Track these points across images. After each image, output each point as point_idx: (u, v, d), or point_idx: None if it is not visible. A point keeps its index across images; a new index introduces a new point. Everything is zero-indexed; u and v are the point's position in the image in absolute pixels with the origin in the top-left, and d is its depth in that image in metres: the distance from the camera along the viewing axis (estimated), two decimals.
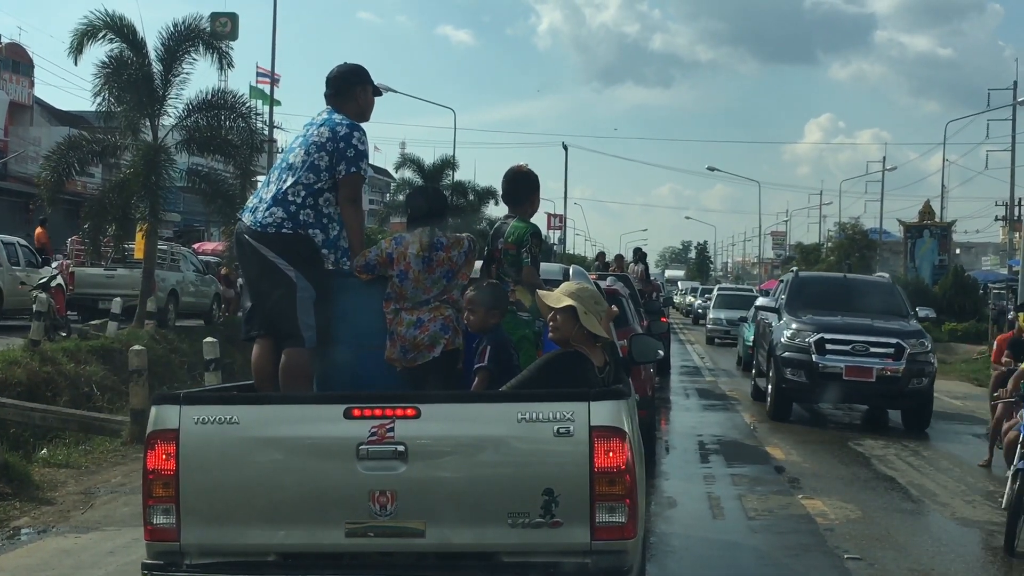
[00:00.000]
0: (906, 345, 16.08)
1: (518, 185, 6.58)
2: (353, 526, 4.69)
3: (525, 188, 6.57)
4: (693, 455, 13.48)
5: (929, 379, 16.24)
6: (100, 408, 14.52)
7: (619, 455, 4.65)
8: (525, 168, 6.72)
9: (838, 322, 16.75)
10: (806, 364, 16.18)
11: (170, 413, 4.76)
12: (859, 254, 65.42)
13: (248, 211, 5.90)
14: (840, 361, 16.09)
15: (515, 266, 6.36)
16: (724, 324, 36.18)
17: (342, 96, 6.03)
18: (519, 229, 6.40)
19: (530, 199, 6.58)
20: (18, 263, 21.18)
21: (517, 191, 6.58)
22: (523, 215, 6.50)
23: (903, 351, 16.02)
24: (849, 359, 16.08)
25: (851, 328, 16.53)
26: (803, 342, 16.28)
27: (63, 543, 8.56)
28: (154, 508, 4.77)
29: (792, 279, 19.05)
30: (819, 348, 16.14)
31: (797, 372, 16.30)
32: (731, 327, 34.23)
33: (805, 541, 8.96)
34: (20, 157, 40.65)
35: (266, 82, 45.05)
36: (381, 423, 4.67)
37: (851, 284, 19.66)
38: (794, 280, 18.94)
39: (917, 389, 16.06)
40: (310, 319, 5.64)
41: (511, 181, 6.60)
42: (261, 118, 35.54)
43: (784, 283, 19.37)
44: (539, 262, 6.44)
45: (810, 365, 16.16)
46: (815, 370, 16.11)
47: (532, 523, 4.64)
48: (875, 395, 16.49)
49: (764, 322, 19.20)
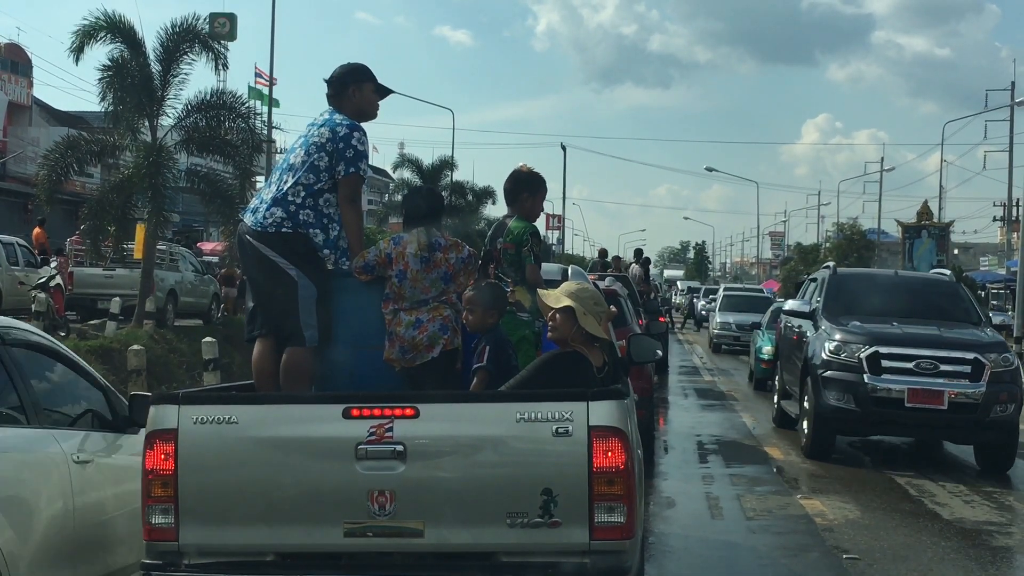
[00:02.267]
0: (986, 361, 12.53)
1: (512, 185, 6.63)
2: (352, 526, 4.69)
3: (517, 188, 6.59)
4: (692, 455, 13.49)
5: (1016, 405, 12.66)
6: None
7: (618, 455, 4.66)
8: (524, 169, 6.75)
9: (896, 332, 13.09)
10: (856, 386, 12.53)
11: (169, 413, 4.77)
12: (857, 255, 65.47)
13: (250, 212, 5.93)
14: (901, 382, 12.44)
15: (514, 266, 6.37)
16: (733, 329, 32.34)
17: (340, 96, 6.05)
18: (517, 229, 6.42)
19: (522, 198, 6.58)
20: (17, 263, 21.21)
21: (510, 191, 6.63)
22: (520, 215, 6.52)
23: (983, 369, 12.47)
24: (913, 380, 12.43)
25: (914, 339, 12.87)
26: (852, 358, 12.69)
27: None
28: (153, 508, 4.78)
29: (829, 277, 14.93)
30: (873, 365, 12.54)
31: (843, 396, 12.64)
32: (741, 332, 30.89)
33: (804, 541, 8.97)
34: (19, 157, 40.65)
35: (265, 83, 45.04)
36: (380, 423, 4.68)
37: (904, 283, 15.88)
38: (832, 278, 14.85)
39: (1001, 418, 12.47)
40: (312, 318, 5.65)
41: (508, 180, 6.67)
42: (260, 118, 35.55)
43: (818, 282, 15.26)
44: (540, 262, 6.45)
45: (861, 388, 12.50)
46: (867, 394, 12.47)
47: (531, 523, 4.64)
48: (946, 427, 12.81)
49: (792, 330, 15.41)
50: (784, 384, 15.79)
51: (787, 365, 15.61)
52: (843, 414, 12.77)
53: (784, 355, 16.09)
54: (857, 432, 13.71)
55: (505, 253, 6.37)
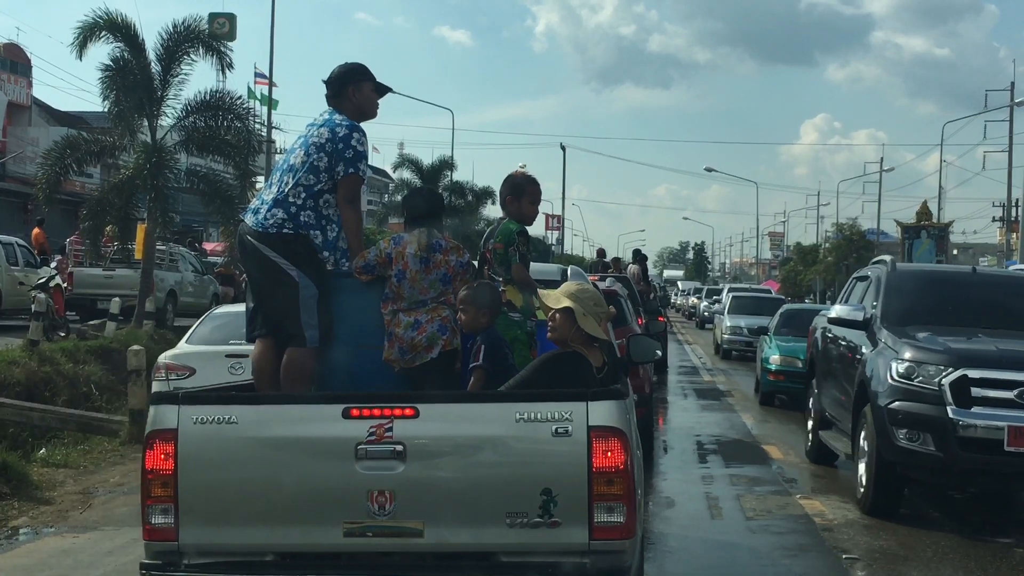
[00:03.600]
0: None
1: (501, 187, 6.65)
2: (351, 526, 4.70)
3: (502, 191, 6.60)
4: (691, 455, 13.48)
5: None
6: (99, 408, 14.54)
7: (617, 455, 4.66)
8: (518, 172, 6.77)
9: (989, 350, 9.67)
10: (936, 423, 9.20)
11: (169, 413, 4.77)
12: (856, 255, 65.46)
13: (250, 212, 5.94)
14: (999, 418, 9.08)
15: (504, 266, 6.38)
16: (745, 334, 29.09)
17: (339, 97, 6.05)
18: (507, 229, 6.45)
19: (507, 201, 6.58)
20: (17, 263, 21.20)
21: (500, 194, 6.67)
22: (511, 217, 6.52)
23: None
24: (1016, 415, 9.07)
25: (1015, 360, 9.42)
26: (929, 384, 9.31)
27: (61, 543, 8.57)
28: (153, 508, 4.78)
29: (887, 275, 11.44)
30: (959, 395, 9.15)
31: (918, 436, 9.30)
32: (753, 337, 27.95)
33: (803, 541, 8.96)
34: (18, 157, 40.66)
35: (264, 83, 45.07)
36: (380, 423, 4.68)
37: (985, 283, 12.09)
38: (892, 276, 11.41)
39: None
40: (313, 319, 5.66)
41: (502, 183, 6.66)
42: (259, 119, 35.56)
43: (872, 281, 11.80)
44: (528, 260, 6.44)
45: (943, 425, 9.15)
46: (952, 434, 9.10)
47: (530, 523, 4.65)
48: None
49: (837, 343, 11.82)
50: (822, 410, 12.23)
51: (828, 387, 12.08)
52: (918, 459, 9.38)
53: (824, 374, 12.41)
54: (937, 481, 10.04)
55: (495, 253, 6.37)
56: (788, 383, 18.03)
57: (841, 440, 11.33)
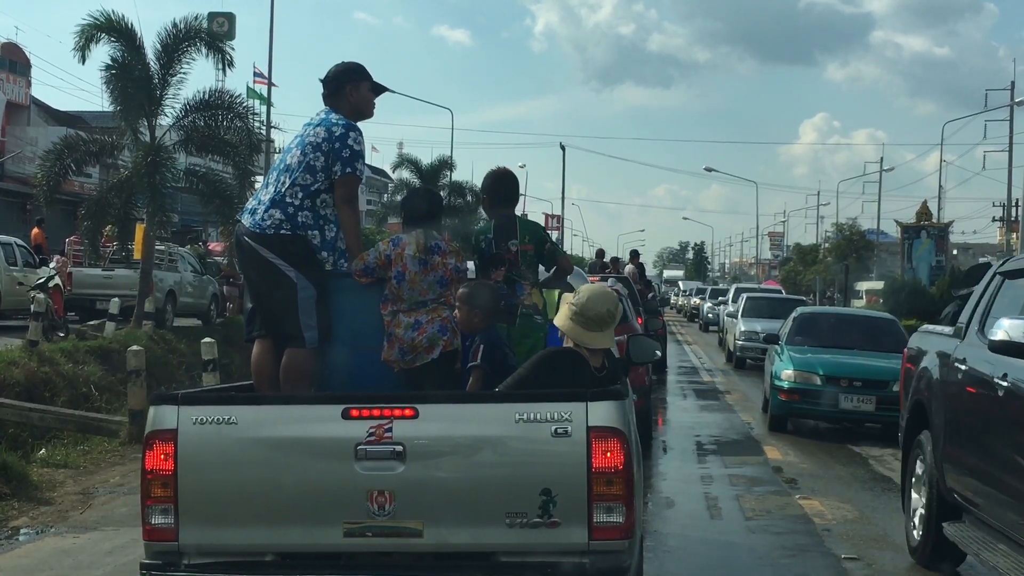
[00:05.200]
0: None
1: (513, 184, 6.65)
2: (351, 526, 4.70)
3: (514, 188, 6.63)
4: (691, 455, 13.48)
5: None
6: (98, 408, 14.53)
7: (617, 455, 4.66)
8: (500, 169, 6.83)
9: None
10: None
11: (168, 413, 4.78)
12: (856, 255, 65.49)
13: (247, 213, 5.93)
14: None
15: (532, 267, 6.41)
16: (761, 340, 24.59)
17: (335, 96, 6.05)
18: (533, 228, 6.46)
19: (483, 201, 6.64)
20: (16, 263, 21.19)
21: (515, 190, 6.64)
22: (508, 215, 6.51)
23: None
24: None
25: None
26: None
27: (61, 543, 8.56)
28: (152, 508, 4.78)
29: None
30: None
31: None
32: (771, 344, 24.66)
33: (802, 542, 8.96)
34: (17, 157, 40.64)
35: (263, 82, 45.08)
36: (379, 423, 4.69)
37: None
38: None
39: None
40: (312, 319, 5.66)
41: (509, 180, 6.65)
42: (259, 118, 35.55)
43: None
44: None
45: None
46: None
47: (530, 523, 4.65)
48: None
49: (990, 382, 6.63)
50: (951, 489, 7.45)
51: (967, 454, 7.11)
52: None
53: (954, 430, 7.39)
54: None
55: (524, 255, 6.38)
56: (805, 404, 15.20)
57: (1009, 555, 6.41)
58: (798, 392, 15.17)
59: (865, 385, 14.94)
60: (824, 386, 14.80)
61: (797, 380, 15.24)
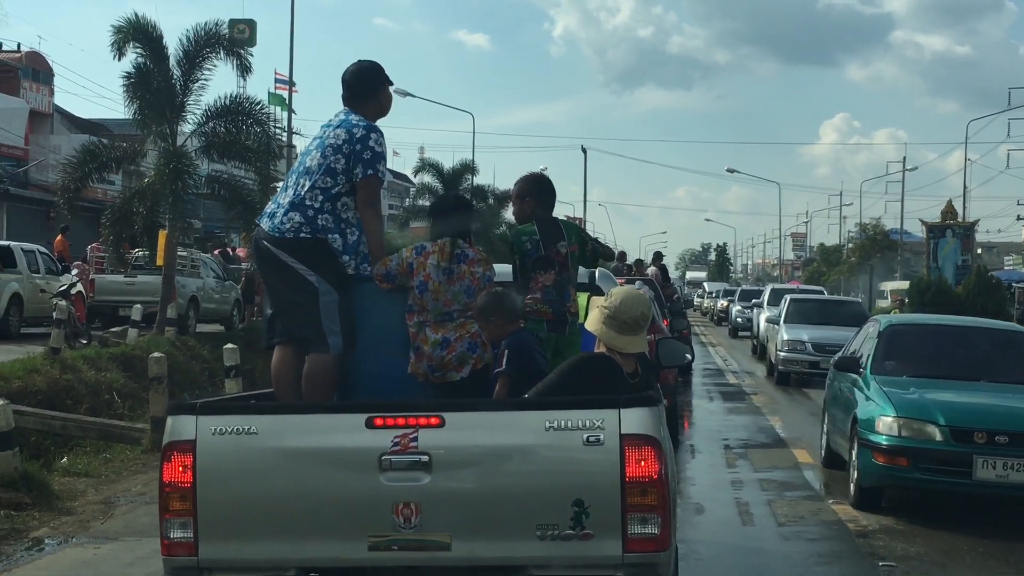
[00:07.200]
0: None
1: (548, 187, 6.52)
2: (376, 539, 4.56)
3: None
4: (719, 459, 13.27)
5: None
6: (120, 416, 14.46)
7: (651, 464, 4.51)
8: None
9: None
10: None
11: (186, 423, 4.63)
12: (880, 255, 65.16)
13: (266, 217, 5.77)
14: None
15: (576, 270, 6.32)
16: (809, 351, 22.13)
17: (362, 97, 5.88)
18: (576, 229, 6.39)
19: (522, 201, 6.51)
20: (38, 271, 21.18)
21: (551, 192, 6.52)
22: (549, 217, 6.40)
23: None
24: None
25: None
26: None
27: (83, 554, 8.45)
28: (171, 522, 4.65)
29: None
30: None
31: None
32: (822, 356, 20.49)
33: (837, 548, 8.76)
34: (40, 165, 40.74)
35: (285, 88, 45.07)
36: (404, 432, 4.54)
37: None
38: None
39: None
40: (335, 325, 5.49)
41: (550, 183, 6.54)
42: (280, 124, 35.52)
43: None
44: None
45: None
46: None
47: (562, 535, 4.50)
48: None
49: None
50: None
51: None
52: None
53: None
54: None
55: (572, 256, 6.24)
56: (918, 472, 9.73)
57: None
58: (906, 453, 9.68)
59: (1014, 441, 9.50)
60: (949, 444, 9.59)
61: (904, 434, 9.73)
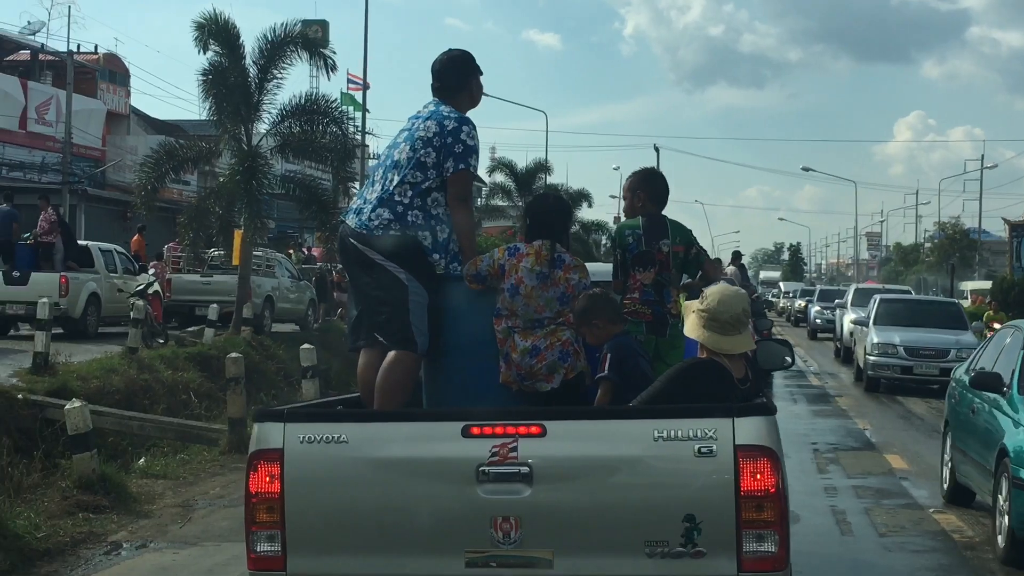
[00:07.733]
0: None
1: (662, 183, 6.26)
2: (473, 555, 4.28)
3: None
4: (809, 464, 12.82)
5: None
6: (197, 416, 14.38)
7: (767, 477, 4.19)
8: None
9: None
10: None
11: (273, 431, 4.38)
12: (960, 254, 63.88)
13: (352, 213, 5.49)
14: None
15: (682, 271, 5.99)
16: (901, 355, 20.55)
17: (452, 88, 5.59)
18: (684, 230, 6.03)
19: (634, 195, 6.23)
20: (116, 270, 21.27)
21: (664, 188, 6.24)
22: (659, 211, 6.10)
23: None
24: None
25: None
26: None
27: (161, 559, 8.30)
28: (258, 535, 4.39)
29: None
30: None
31: None
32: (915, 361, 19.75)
33: (944, 561, 8.34)
34: (117, 166, 41.16)
35: (358, 88, 45.12)
36: (503, 442, 4.25)
37: None
38: None
39: None
40: (423, 324, 5.20)
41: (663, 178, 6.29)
42: (353, 123, 35.54)
43: None
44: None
45: None
46: None
47: (672, 552, 4.19)
48: None
49: None
50: None
51: None
52: None
53: None
54: None
55: (675, 256, 5.93)
56: None
57: None
58: None
59: None
60: None
61: None
